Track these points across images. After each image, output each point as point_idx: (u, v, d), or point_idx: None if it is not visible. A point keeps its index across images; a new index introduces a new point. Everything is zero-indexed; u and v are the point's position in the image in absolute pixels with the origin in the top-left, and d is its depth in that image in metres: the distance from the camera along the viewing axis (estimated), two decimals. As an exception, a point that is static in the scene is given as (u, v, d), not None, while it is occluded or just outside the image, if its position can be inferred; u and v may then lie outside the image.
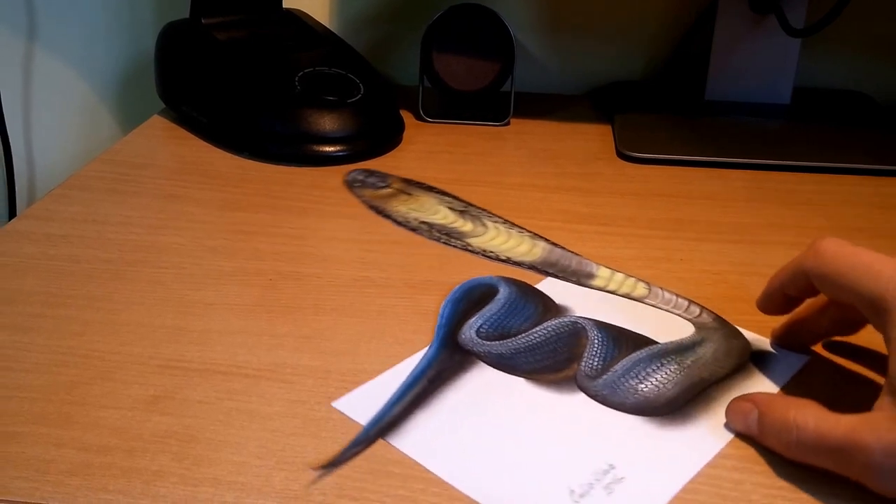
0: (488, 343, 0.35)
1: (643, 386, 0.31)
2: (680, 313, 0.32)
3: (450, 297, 0.38)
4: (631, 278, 0.32)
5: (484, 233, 0.33)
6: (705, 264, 0.43)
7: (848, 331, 0.34)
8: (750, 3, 0.62)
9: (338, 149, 0.55)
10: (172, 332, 0.36)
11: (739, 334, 0.34)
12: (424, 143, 0.58)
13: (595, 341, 0.33)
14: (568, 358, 0.33)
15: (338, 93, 0.56)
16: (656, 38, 0.70)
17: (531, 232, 0.33)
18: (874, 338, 0.29)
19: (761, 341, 0.35)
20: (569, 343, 0.34)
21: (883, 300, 0.27)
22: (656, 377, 0.31)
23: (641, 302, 0.32)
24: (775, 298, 0.33)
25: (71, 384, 0.32)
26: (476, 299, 0.38)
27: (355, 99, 0.57)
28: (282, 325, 0.37)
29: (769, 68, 0.63)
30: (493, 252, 0.32)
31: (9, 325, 0.36)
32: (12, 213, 0.73)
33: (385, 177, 0.35)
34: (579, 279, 0.32)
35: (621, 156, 0.57)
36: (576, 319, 0.35)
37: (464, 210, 0.34)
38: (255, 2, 0.63)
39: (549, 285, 0.38)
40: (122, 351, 0.35)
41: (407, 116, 0.62)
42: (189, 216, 0.47)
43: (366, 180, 0.35)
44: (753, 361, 0.33)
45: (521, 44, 0.69)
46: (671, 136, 0.58)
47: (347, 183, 0.34)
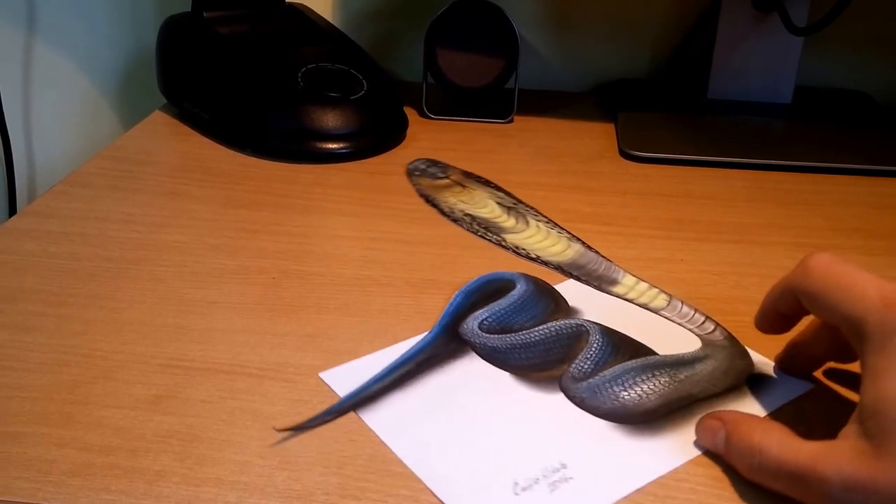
0: (485, 335, 0.35)
1: (626, 394, 0.31)
2: (692, 328, 0.32)
3: (465, 287, 0.38)
4: (654, 289, 0.32)
5: (523, 230, 0.33)
6: (705, 265, 0.42)
7: (846, 357, 0.32)
8: (753, 1, 0.61)
9: (341, 146, 0.55)
10: (174, 330, 0.36)
11: (746, 355, 0.33)
12: (428, 141, 0.58)
13: (594, 345, 0.33)
14: (560, 359, 0.33)
15: (341, 89, 0.56)
16: (660, 35, 0.70)
17: (570, 234, 0.33)
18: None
19: (766, 364, 0.34)
20: (566, 344, 0.34)
21: (862, 324, 0.26)
22: (642, 387, 0.31)
23: (657, 313, 0.32)
24: (770, 316, 0.32)
25: (73, 384, 0.32)
26: (491, 292, 0.37)
27: (358, 95, 0.56)
28: (284, 324, 0.36)
29: (771, 67, 0.63)
30: (524, 249, 0.32)
31: (10, 323, 0.36)
32: (12, 211, 0.73)
33: (446, 168, 0.35)
34: (601, 284, 0.32)
35: (624, 154, 0.56)
36: (581, 322, 0.35)
37: (512, 206, 0.34)
38: (258, -3, 0.63)
39: (569, 287, 0.37)
40: (124, 350, 0.34)
41: (410, 113, 0.62)
42: (191, 213, 0.47)
43: (427, 170, 0.35)
44: (752, 384, 0.32)
45: (524, 40, 0.69)
46: (673, 135, 0.58)
47: (408, 171, 0.35)
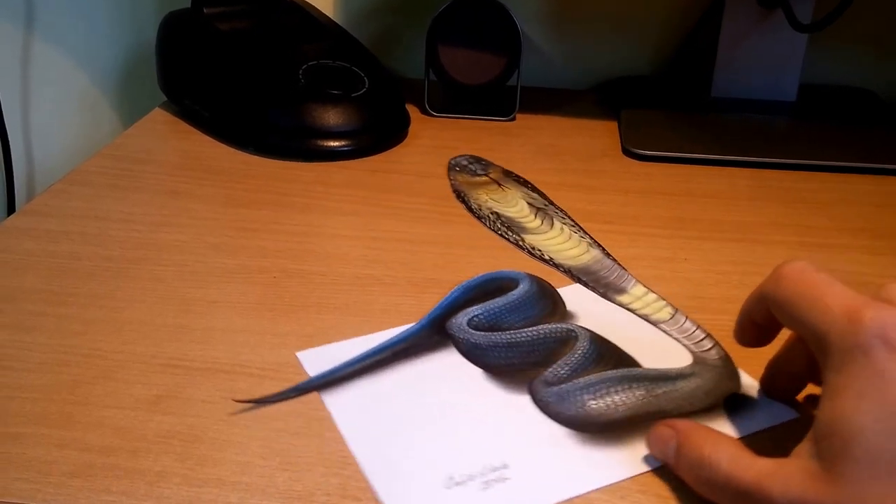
0: (470, 331, 0.34)
1: (594, 403, 0.30)
2: (688, 344, 0.31)
3: (466, 282, 0.38)
4: (661, 301, 0.31)
5: (546, 231, 0.32)
6: (708, 264, 0.42)
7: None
8: (757, -2, 0.61)
9: (342, 143, 0.54)
10: (175, 330, 0.36)
11: (736, 378, 0.32)
12: (430, 138, 0.58)
13: (577, 352, 0.33)
14: (539, 361, 0.33)
15: (342, 86, 0.56)
16: (663, 32, 0.70)
17: (592, 238, 0.33)
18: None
19: (754, 388, 0.32)
20: (551, 348, 0.33)
21: (825, 338, 0.25)
22: (613, 398, 0.30)
23: (656, 326, 0.31)
24: (745, 326, 0.30)
25: (73, 384, 0.32)
26: (492, 290, 0.37)
27: (360, 93, 0.56)
28: (285, 324, 0.36)
29: (775, 64, 0.62)
30: (539, 250, 0.32)
31: (9, 323, 0.36)
32: (11, 209, 0.73)
33: (488, 166, 0.35)
34: (607, 292, 0.31)
35: (627, 153, 0.56)
36: (572, 327, 0.34)
37: (541, 207, 0.33)
38: (258, -7, 0.62)
39: (574, 291, 0.37)
40: (125, 350, 0.34)
41: (412, 111, 0.61)
42: (191, 212, 0.47)
43: (468, 165, 0.35)
44: (733, 406, 0.31)
45: (527, 37, 0.69)
46: (677, 133, 0.58)
47: (449, 166, 0.34)
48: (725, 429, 0.30)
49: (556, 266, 0.32)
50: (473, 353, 0.34)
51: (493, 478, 0.28)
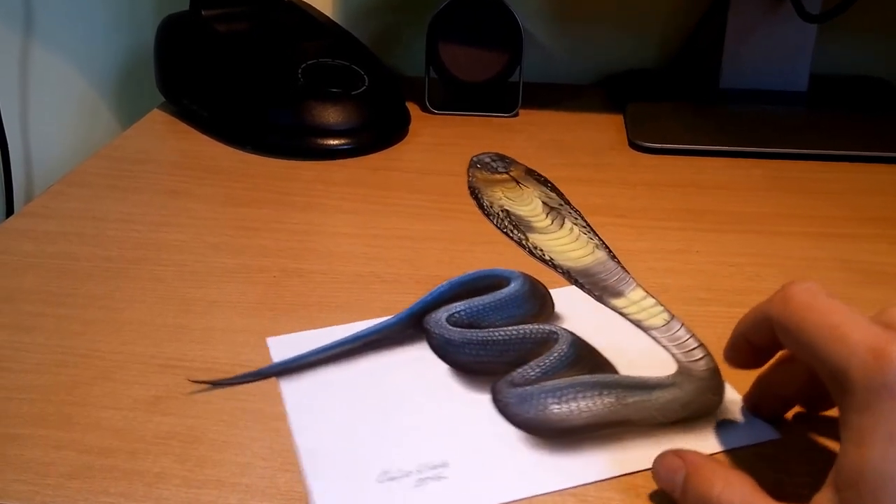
0: (447, 327, 0.33)
1: (556, 407, 0.29)
2: (677, 353, 0.29)
3: (455, 278, 0.37)
4: (658, 307, 0.30)
5: (554, 232, 0.32)
6: (722, 255, 0.41)
7: (821, 401, 0.29)
8: (764, -11, 0.60)
9: (342, 142, 0.54)
10: (174, 330, 0.35)
11: (720, 392, 0.30)
12: (431, 136, 0.58)
13: (553, 354, 0.31)
14: (512, 362, 0.32)
15: (342, 84, 0.55)
16: (669, 24, 0.69)
17: (601, 240, 0.32)
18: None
19: (736, 403, 0.31)
20: (527, 349, 0.32)
21: (845, 374, 0.23)
22: (579, 404, 0.29)
23: (646, 332, 0.30)
24: (739, 346, 0.29)
25: (71, 384, 0.32)
26: (481, 288, 0.36)
27: (360, 91, 0.56)
28: (286, 324, 0.36)
29: (785, 55, 0.61)
30: (541, 250, 0.31)
31: (8, 324, 0.36)
32: (10, 211, 0.72)
33: (511, 164, 0.34)
34: (602, 295, 0.30)
35: (634, 146, 0.55)
36: (554, 329, 0.33)
37: (556, 207, 0.33)
38: (257, -7, 0.62)
39: (568, 293, 0.36)
40: (124, 350, 0.34)
41: (413, 108, 0.61)
42: (190, 212, 0.46)
43: (490, 163, 0.34)
44: (710, 419, 0.30)
45: (529, 32, 0.68)
46: (685, 125, 0.57)
47: (470, 163, 0.34)
48: (700, 442, 0.29)
49: (555, 267, 0.31)
50: (445, 349, 0.33)
51: (429, 475, 0.27)
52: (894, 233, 0.44)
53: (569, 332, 0.33)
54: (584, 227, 0.32)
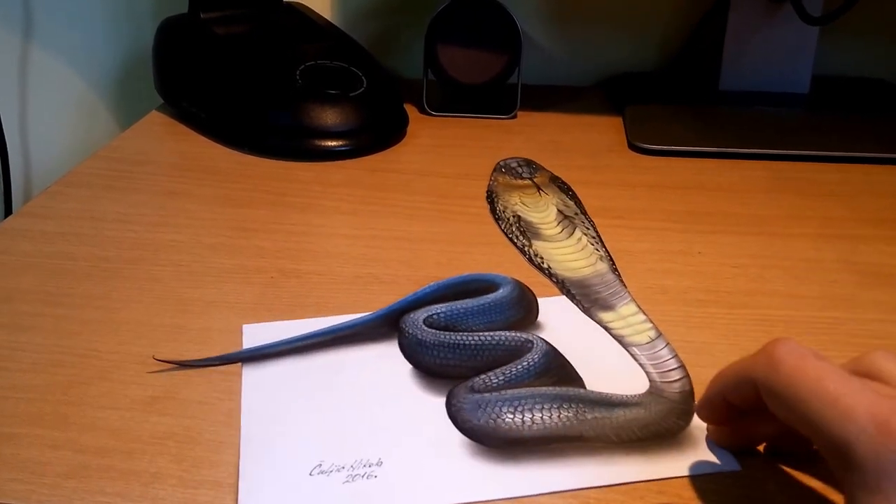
0: (422, 328, 0.33)
1: (510, 417, 0.29)
2: (652, 372, 0.29)
3: (443, 280, 0.37)
4: (646, 324, 0.29)
5: (561, 241, 0.31)
6: (724, 257, 0.41)
7: (797, 445, 0.27)
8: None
9: (340, 143, 0.54)
10: (172, 330, 0.35)
11: (687, 417, 0.29)
12: (429, 138, 0.57)
13: (522, 363, 0.31)
14: (480, 368, 0.31)
15: (340, 86, 0.55)
16: (669, 26, 0.69)
17: (607, 252, 0.31)
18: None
19: (700, 429, 0.29)
20: (498, 356, 0.32)
21: (849, 450, 0.21)
22: (534, 415, 0.29)
23: (626, 349, 0.30)
24: (715, 404, 0.28)
25: (68, 384, 0.32)
26: (469, 291, 0.36)
27: (358, 92, 0.56)
28: (284, 323, 0.36)
29: (786, 57, 0.61)
30: (541, 258, 0.31)
31: (5, 324, 0.36)
32: (8, 211, 0.72)
33: (536, 170, 0.34)
34: (592, 307, 0.30)
35: (633, 147, 0.55)
36: (530, 338, 0.33)
37: (570, 216, 0.32)
38: (256, -5, 0.62)
39: (556, 303, 0.36)
40: (121, 350, 0.34)
41: (411, 110, 0.61)
42: (188, 213, 0.46)
43: (516, 168, 0.33)
44: (668, 443, 0.29)
45: (527, 35, 0.68)
46: (685, 127, 0.57)
47: (497, 165, 0.33)
48: (658, 465, 0.28)
49: (551, 276, 0.31)
50: (416, 350, 0.33)
51: (361, 472, 0.27)
52: (894, 233, 0.44)
53: (545, 342, 0.32)
54: (594, 237, 0.32)
